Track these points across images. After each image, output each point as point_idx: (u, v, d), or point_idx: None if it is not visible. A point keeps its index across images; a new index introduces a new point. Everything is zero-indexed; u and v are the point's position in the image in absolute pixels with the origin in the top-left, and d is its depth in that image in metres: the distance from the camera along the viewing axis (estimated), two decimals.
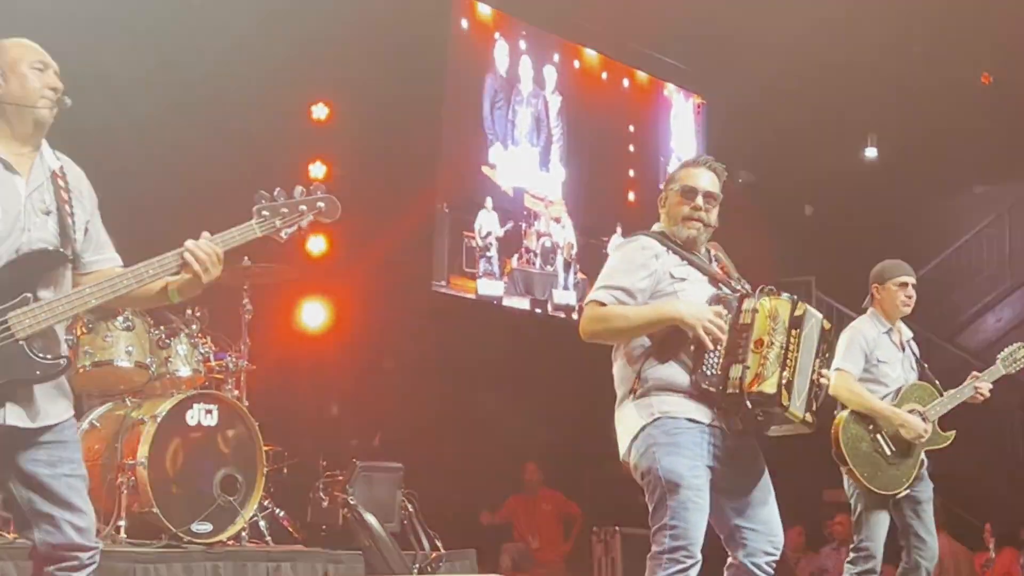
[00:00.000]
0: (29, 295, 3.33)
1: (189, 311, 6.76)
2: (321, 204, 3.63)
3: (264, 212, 3.57)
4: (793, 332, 4.17)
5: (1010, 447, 13.89)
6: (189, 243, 3.47)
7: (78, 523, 3.43)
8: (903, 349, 6.16)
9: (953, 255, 14.94)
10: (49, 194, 3.47)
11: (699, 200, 4.33)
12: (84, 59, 3.61)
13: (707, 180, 4.37)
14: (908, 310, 6.16)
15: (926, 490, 6.05)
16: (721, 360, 4.13)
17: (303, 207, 3.61)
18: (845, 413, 5.90)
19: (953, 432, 6.11)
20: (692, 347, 4.15)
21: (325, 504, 6.89)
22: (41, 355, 3.34)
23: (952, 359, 13.06)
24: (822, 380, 4.30)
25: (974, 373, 6.24)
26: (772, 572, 4.28)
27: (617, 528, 9.60)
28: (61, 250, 3.44)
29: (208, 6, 8.89)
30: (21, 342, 3.30)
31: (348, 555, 6.52)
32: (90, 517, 3.48)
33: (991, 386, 6.19)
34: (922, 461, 6.01)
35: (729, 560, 4.29)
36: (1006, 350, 6.31)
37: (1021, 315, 14.51)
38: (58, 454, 3.41)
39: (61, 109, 3.51)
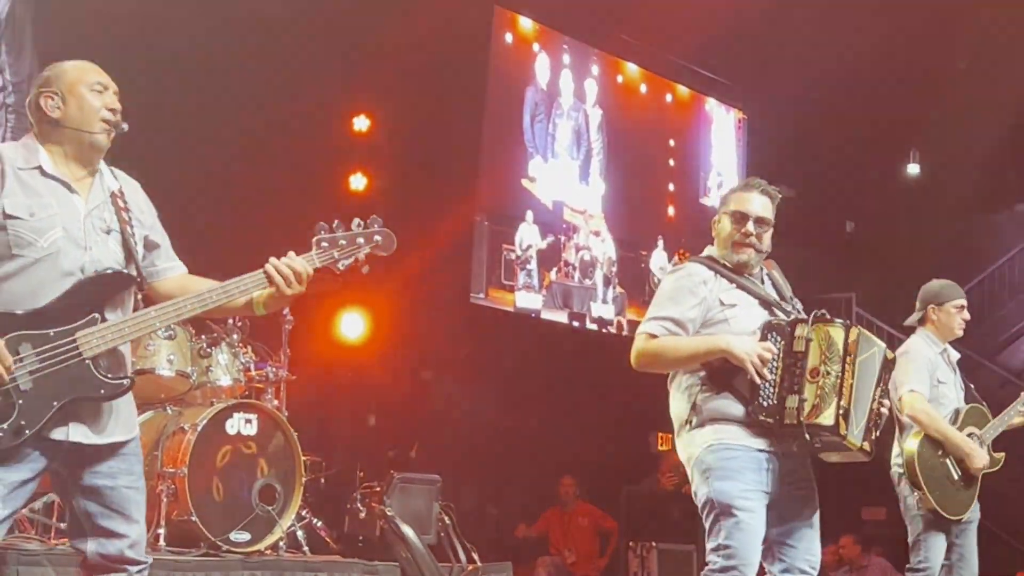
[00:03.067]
0: (97, 315, 3.38)
1: (231, 321, 6.80)
2: (378, 238, 3.67)
3: (323, 243, 3.62)
4: (848, 359, 4.14)
5: None
6: (267, 266, 3.52)
7: (131, 536, 3.46)
8: (955, 371, 6.11)
9: (995, 273, 14.80)
10: (109, 213, 3.51)
11: (750, 226, 4.31)
12: (125, 75, 3.63)
13: (759, 205, 4.35)
14: (961, 333, 6.11)
15: (975, 511, 6.01)
16: (777, 390, 4.13)
17: (360, 239, 3.65)
18: (919, 439, 5.83)
19: (1003, 454, 6.07)
20: (747, 377, 4.14)
21: (362, 515, 6.90)
22: (107, 374, 3.39)
23: (994, 378, 12.94)
24: (883, 410, 4.27)
25: (1022, 395, 6.17)
26: None
27: (654, 543, 9.57)
28: (130, 272, 3.49)
29: (250, 19, 8.96)
30: (87, 361, 3.35)
31: (385, 566, 6.52)
32: (142, 531, 3.51)
33: None
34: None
35: (765, 575, 4.29)
36: None
37: None
38: (119, 466, 3.47)
39: (118, 133, 3.54)
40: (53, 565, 5.17)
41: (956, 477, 5.86)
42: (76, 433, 3.37)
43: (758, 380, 4.10)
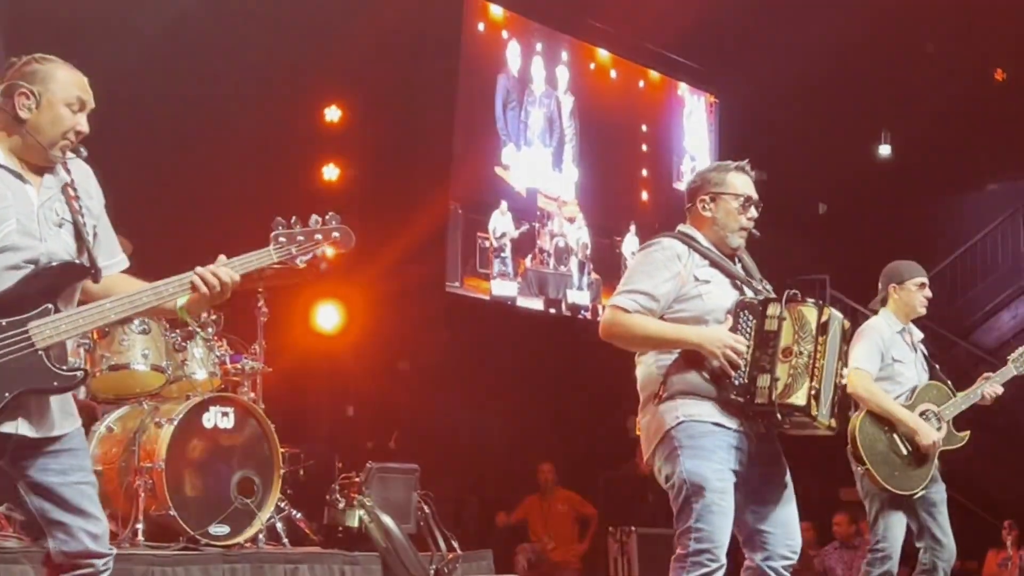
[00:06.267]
0: (51, 306, 3.34)
1: (205, 314, 6.77)
2: (336, 234, 3.66)
3: (281, 239, 3.60)
4: (820, 339, 4.15)
5: None
6: (198, 270, 3.47)
7: (92, 530, 3.43)
8: (915, 350, 6.14)
9: (967, 253, 14.89)
10: (61, 205, 3.47)
11: (753, 211, 4.34)
12: (95, 58, 3.59)
13: (754, 187, 4.39)
14: (924, 311, 6.14)
15: (940, 491, 6.02)
16: (748, 369, 4.12)
17: (318, 236, 3.64)
18: (862, 413, 5.87)
19: (968, 432, 6.09)
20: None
21: (341, 506, 6.90)
22: (59, 366, 3.36)
23: (967, 357, 13.03)
24: (843, 381, 4.29)
25: (986, 374, 6.21)
26: None
27: (633, 528, 9.60)
28: (84, 264, 3.46)
29: (221, 9, 8.92)
30: (40, 352, 3.30)
31: (365, 557, 6.53)
32: (103, 524, 3.48)
33: (1002, 389, 6.17)
34: (936, 462, 6.00)
35: (746, 563, 4.28)
36: (1017, 351, 6.29)
37: None
38: (69, 462, 3.42)
39: (75, 153, 3.50)
40: (32, 563, 5.15)
41: (905, 453, 5.88)
42: (24, 427, 3.32)
43: (731, 373, 4.09)
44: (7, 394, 3.25)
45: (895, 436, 5.88)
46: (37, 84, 3.43)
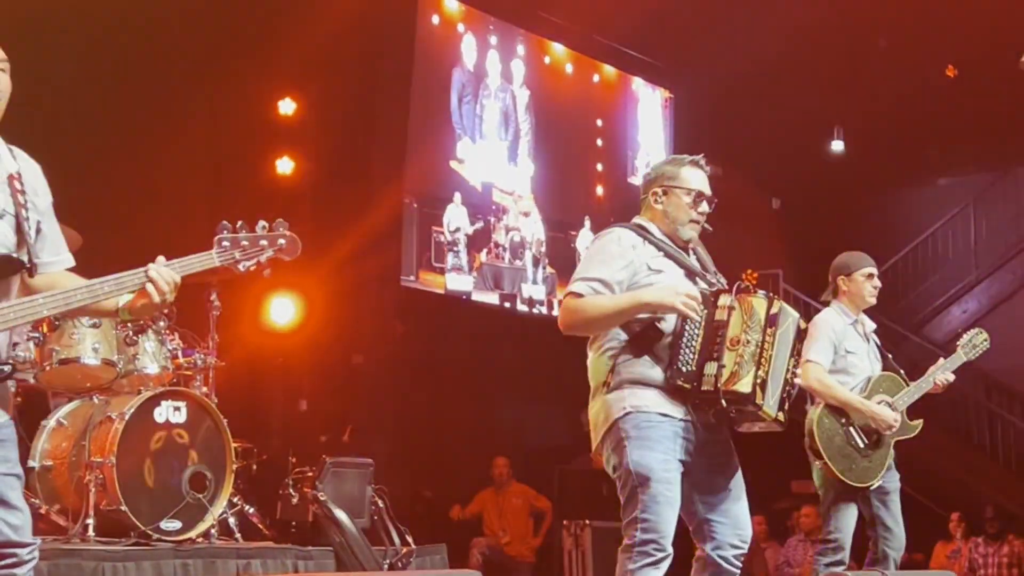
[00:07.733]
0: None
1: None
2: (282, 241, 3.57)
3: (224, 243, 3.52)
4: (768, 330, 4.18)
5: (976, 437, 14.02)
6: (152, 271, 3.41)
7: (13, 521, 3.38)
8: (868, 340, 6.19)
9: (919, 247, 15.05)
10: (4, 195, 3.41)
11: (704, 206, 4.36)
12: (38, 52, 3.54)
13: (707, 184, 4.40)
14: (874, 301, 6.19)
15: (893, 480, 6.08)
16: (696, 356, 4.14)
17: (263, 242, 3.55)
18: (819, 408, 5.90)
19: (921, 421, 6.15)
20: (667, 342, 4.16)
21: (295, 500, 6.87)
22: None
23: (918, 350, 13.16)
24: (796, 380, 4.32)
25: (940, 361, 6.27)
26: (739, 565, 4.29)
27: (587, 522, 9.62)
28: (19, 257, 3.40)
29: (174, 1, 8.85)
30: None
31: (318, 551, 6.50)
32: (25, 515, 3.42)
33: (953, 376, 6.23)
34: (892, 452, 6.06)
35: (697, 553, 4.31)
36: (965, 336, 6.36)
37: (986, 306, 14.63)
38: None
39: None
40: None
41: (862, 445, 5.92)
42: None
43: (695, 317, 4.09)
44: None
45: (851, 429, 5.93)
46: None
